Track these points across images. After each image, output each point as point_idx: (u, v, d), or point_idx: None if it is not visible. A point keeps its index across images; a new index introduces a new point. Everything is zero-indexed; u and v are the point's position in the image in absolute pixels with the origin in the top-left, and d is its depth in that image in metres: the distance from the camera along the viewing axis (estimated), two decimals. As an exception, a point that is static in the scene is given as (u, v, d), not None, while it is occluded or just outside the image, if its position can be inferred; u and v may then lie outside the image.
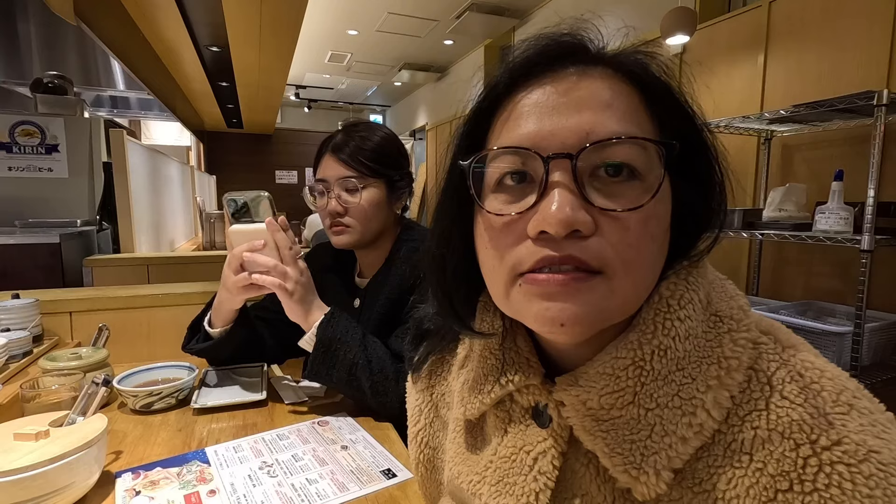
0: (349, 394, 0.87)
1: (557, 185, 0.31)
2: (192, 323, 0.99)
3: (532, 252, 0.32)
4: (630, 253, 0.31)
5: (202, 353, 0.97)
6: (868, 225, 1.51)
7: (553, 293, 0.32)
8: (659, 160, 0.32)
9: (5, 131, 2.07)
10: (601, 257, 0.31)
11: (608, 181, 0.32)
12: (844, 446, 0.28)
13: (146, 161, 2.56)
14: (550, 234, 0.31)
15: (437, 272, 0.41)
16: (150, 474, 0.67)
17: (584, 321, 0.32)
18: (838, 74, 1.99)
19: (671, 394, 0.32)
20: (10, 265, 1.72)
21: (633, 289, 0.32)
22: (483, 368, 0.40)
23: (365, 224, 0.94)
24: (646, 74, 0.34)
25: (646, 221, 0.32)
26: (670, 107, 0.35)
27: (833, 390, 0.30)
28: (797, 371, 0.32)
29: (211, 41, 3.04)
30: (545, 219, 0.31)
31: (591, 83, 0.33)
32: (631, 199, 0.31)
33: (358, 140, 0.95)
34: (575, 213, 0.30)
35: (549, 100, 0.33)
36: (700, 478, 0.31)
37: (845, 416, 0.29)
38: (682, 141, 0.34)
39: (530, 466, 0.37)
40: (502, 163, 0.34)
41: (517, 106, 0.34)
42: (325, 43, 5.31)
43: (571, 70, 0.34)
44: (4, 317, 1.05)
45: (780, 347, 0.33)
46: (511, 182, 0.34)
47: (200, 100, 4.74)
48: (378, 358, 0.83)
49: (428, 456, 0.50)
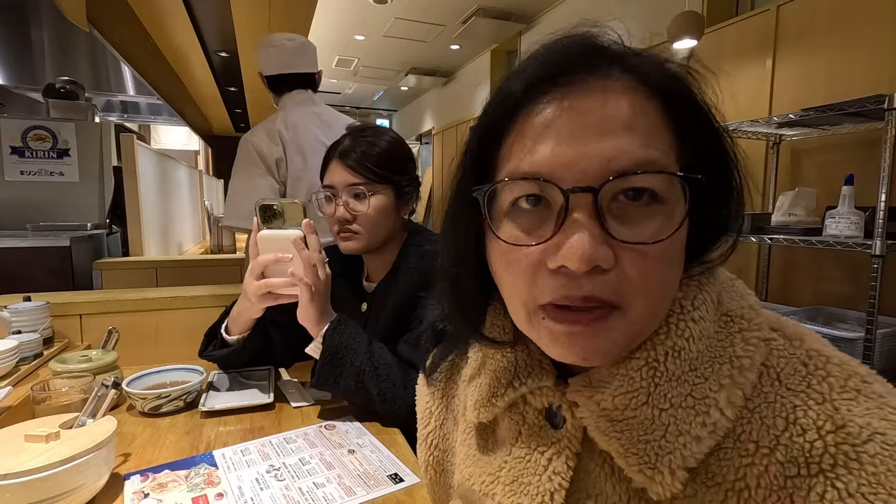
0: (358, 401, 0.86)
1: (578, 221, 0.30)
2: (208, 330, 0.99)
3: (552, 287, 0.32)
4: (648, 283, 0.31)
5: (219, 360, 0.97)
6: (880, 230, 1.50)
7: (575, 334, 0.32)
8: (682, 190, 0.31)
9: (18, 136, 2.10)
10: (619, 292, 0.31)
11: (628, 205, 0.31)
12: (849, 429, 0.28)
13: (155, 165, 2.58)
14: (572, 269, 0.30)
15: (451, 288, 0.41)
16: (158, 477, 0.67)
17: (606, 355, 0.33)
18: (848, 78, 1.98)
19: (684, 394, 0.32)
20: (22, 268, 1.74)
21: (650, 314, 0.32)
22: (496, 372, 0.40)
23: (373, 231, 0.94)
24: (669, 86, 0.33)
25: (666, 252, 0.31)
26: (694, 118, 0.33)
27: (840, 376, 0.31)
28: (801, 361, 0.32)
29: (220, 46, 3.07)
30: (565, 255, 0.30)
31: (612, 101, 0.31)
32: (652, 230, 0.31)
33: (365, 145, 0.94)
34: (596, 249, 0.30)
35: (567, 120, 0.32)
36: (713, 472, 0.31)
37: (851, 402, 0.30)
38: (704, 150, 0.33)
39: (545, 467, 0.37)
40: (517, 187, 0.33)
41: (532, 122, 0.33)
42: (333, 48, 5.35)
43: (590, 82, 0.32)
44: (16, 319, 1.07)
45: (787, 342, 0.34)
46: (527, 205, 0.33)
47: (209, 104, 4.78)
48: (385, 364, 0.83)
49: (437, 458, 0.50)
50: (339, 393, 0.86)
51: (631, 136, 0.31)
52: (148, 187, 2.36)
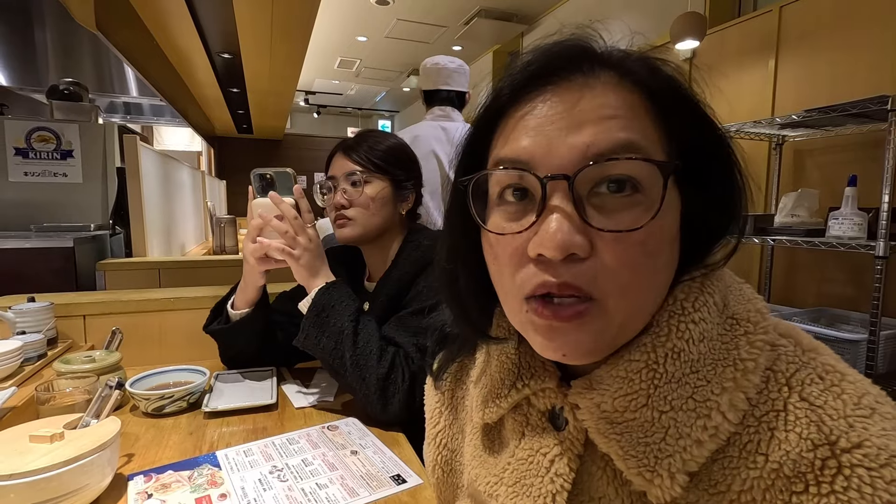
0: (333, 366, 0.85)
1: (555, 208, 0.31)
2: (215, 305, 1.02)
3: (532, 275, 0.32)
4: (625, 274, 0.31)
5: (221, 336, 0.99)
6: (883, 231, 1.49)
7: (554, 328, 0.32)
8: (660, 177, 0.31)
9: (22, 137, 2.11)
10: (596, 281, 0.31)
11: (608, 197, 0.31)
12: (865, 449, 0.27)
13: (158, 166, 2.59)
14: (547, 257, 0.31)
15: (450, 285, 0.41)
16: (161, 477, 0.67)
17: (585, 350, 0.33)
18: (851, 79, 1.97)
19: (685, 396, 0.32)
20: (26, 269, 1.75)
21: (631, 308, 0.32)
22: (500, 373, 0.41)
23: (367, 217, 0.96)
24: (653, 80, 0.33)
25: (644, 241, 0.31)
26: (679, 114, 0.34)
27: (854, 394, 0.30)
28: (817, 374, 0.31)
29: (223, 48, 3.08)
30: (542, 242, 0.31)
31: (594, 95, 0.32)
32: (630, 218, 0.31)
33: (369, 141, 0.99)
34: (571, 237, 0.30)
35: (549, 113, 0.32)
36: (715, 479, 0.31)
37: (867, 420, 0.29)
38: (693, 149, 0.33)
39: (547, 468, 0.37)
40: (502, 177, 0.34)
41: (517, 119, 0.34)
42: (335, 49, 5.36)
43: (574, 80, 0.33)
44: (20, 320, 1.07)
45: (800, 350, 0.33)
46: (512, 198, 0.34)
47: (212, 106, 4.79)
48: (366, 333, 0.84)
49: (446, 458, 0.50)
50: (319, 352, 0.86)
51: (611, 122, 0.31)
52: (151, 188, 2.36)
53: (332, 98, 7.68)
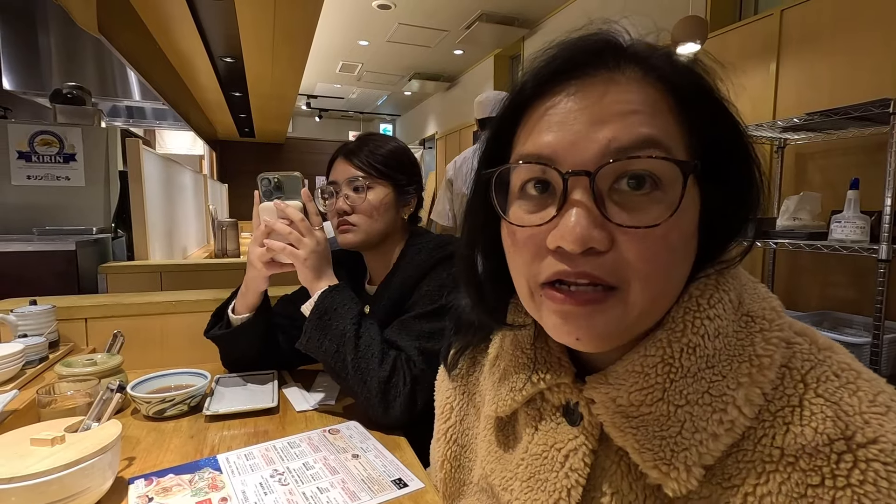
0: (335, 369, 0.85)
1: (575, 202, 0.32)
2: (216, 310, 1.01)
3: (549, 265, 0.33)
4: (647, 267, 0.31)
5: (222, 341, 0.98)
6: (886, 234, 1.49)
7: (568, 312, 0.32)
8: (681, 174, 0.32)
9: (25, 141, 2.12)
10: (617, 273, 0.31)
11: (629, 193, 0.32)
12: (881, 444, 0.28)
13: (160, 170, 2.60)
14: (566, 250, 0.31)
15: (468, 271, 0.42)
16: (162, 481, 0.67)
17: (599, 337, 0.33)
18: (852, 82, 1.97)
19: (701, 391, 0.32)
20: (28, 272, 1.75)
21: (650, 301, 0.32)
22: (514, 367, 0.41)
23: (370, 223, 0.96)
24: (676, 76, 0.34)
25: (665, 235, 0.31)
26: (701, 111, 0.34)
27: (870, 391, 0.30)
28: (833, 371, 0.32)
29: (225, 52, 3.09)
30: (562, 235, 0.31)
31: (617, 91, 0.32)
32: (651, 214, 0.31)
33: (370, 146, 0.99)
34: (590, 231, 0.31)
35: (572, 109, 0.33)
36: (730, 473, 0.31)
37: (883, 417, 0.29)
38: (714, 145, 0.33)
39: (561, 463, 0.37)
40: (524, 171, 0.34)
41: (541, 113, 0.34)
42: (337, 53, 5.38)
43: (599, 75, 0.33)
44: (22, 323, 1.07)
45: (815, 348, 0.33)
46: (534, 191, 0.34)
47: (214, 109, 4.81)
48: (368, 337, 0.84)
49: (455, 453, 0.50)
50: (321, 355, 0.86)
51: (633, 117, 0.32)
52: (153, 191, 2.37)
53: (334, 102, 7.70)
